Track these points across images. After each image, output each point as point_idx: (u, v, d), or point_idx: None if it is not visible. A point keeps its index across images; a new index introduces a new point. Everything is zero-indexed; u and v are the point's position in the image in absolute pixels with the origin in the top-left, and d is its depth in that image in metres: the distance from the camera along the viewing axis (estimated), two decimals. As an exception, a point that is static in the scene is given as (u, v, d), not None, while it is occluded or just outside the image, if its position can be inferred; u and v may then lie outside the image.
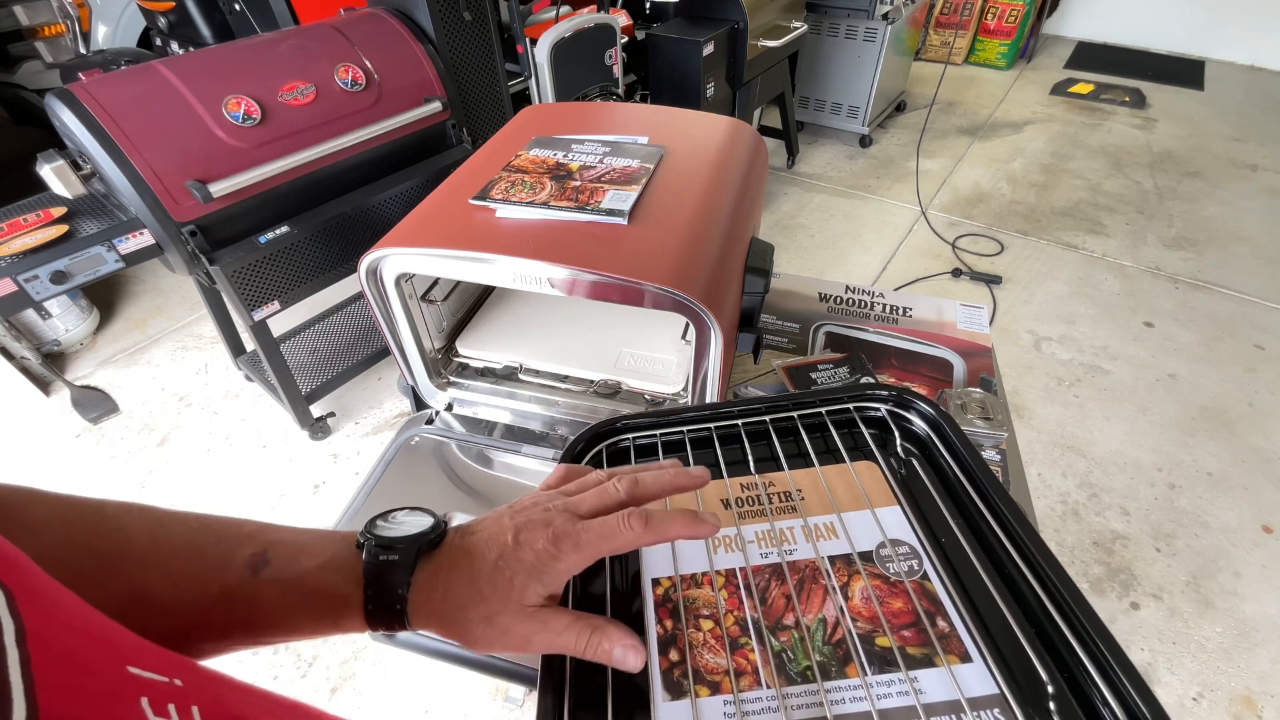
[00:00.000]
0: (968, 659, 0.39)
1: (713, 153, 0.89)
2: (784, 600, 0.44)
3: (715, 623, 0.43)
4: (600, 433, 0.55)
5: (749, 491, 0.51)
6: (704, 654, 0.41)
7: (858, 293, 1.24)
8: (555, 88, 1.95)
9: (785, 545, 0.47)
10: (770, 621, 0.42)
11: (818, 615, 0.42)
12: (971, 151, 3.29)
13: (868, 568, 0.45)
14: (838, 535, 0.47)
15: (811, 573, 0.45)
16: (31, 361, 2.00)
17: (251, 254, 1.37)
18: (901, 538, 0.47)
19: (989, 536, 0.46)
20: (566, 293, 0.69)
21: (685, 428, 0.56)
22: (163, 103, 1.26)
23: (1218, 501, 1.62)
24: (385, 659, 1.37)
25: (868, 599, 0.43)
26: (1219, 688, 1.29)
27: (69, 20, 2.46)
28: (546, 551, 0.36)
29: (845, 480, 0.51)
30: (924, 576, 0.44)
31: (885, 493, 0.50)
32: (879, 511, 0.48)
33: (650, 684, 0.39)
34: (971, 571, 0.44)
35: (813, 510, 0.49)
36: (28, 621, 0.18)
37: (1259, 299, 2.28)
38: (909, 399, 0.55)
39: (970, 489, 0.48)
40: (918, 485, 0.51)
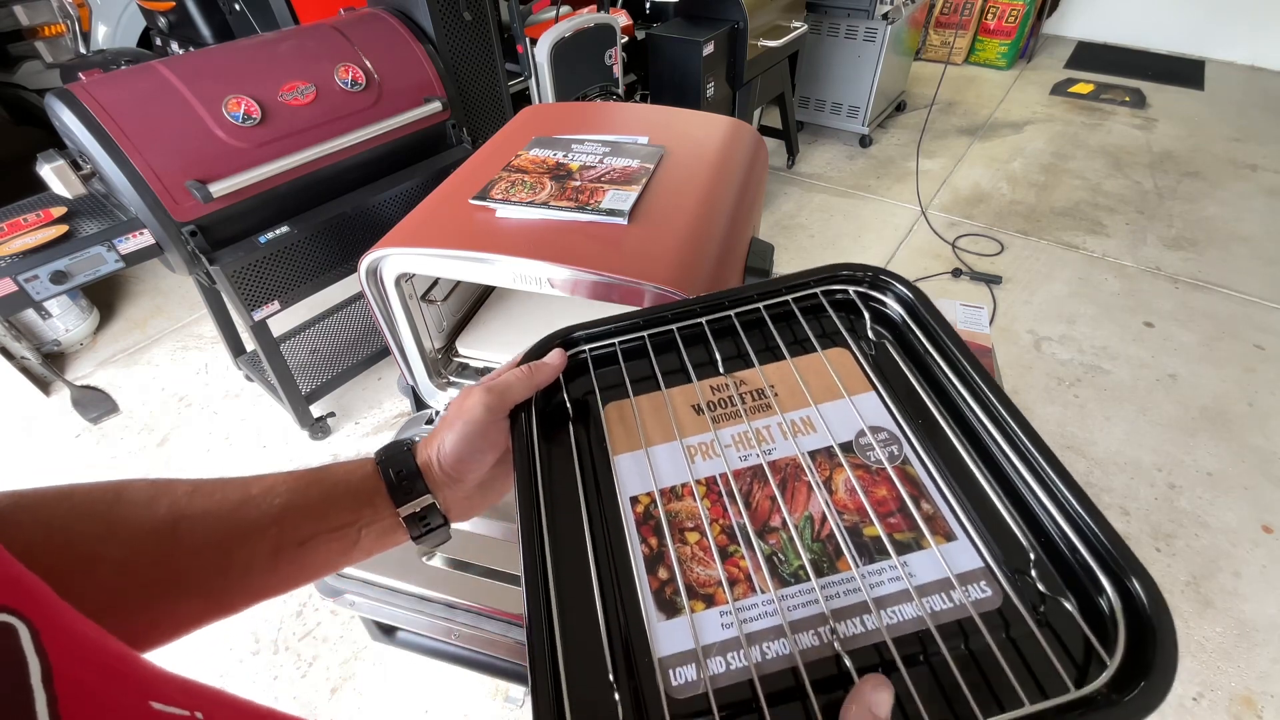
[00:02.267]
0: (952, 538, 0.39)
1: (713, 153, 0.89)
2: (769, 502, 0.42)
3: (701, 534, 0.41)
4: (551, 342, 0.52)
5: (720, 394, 0.49)
6: (693, 567, 0.40)
7: (858, 293, 1.24)
8: (555, 88, 1.95)
9: (764, 445, 0.45)
10: (757, 525, 0.41)
11: (804, 513, 0.42)
12: (971, 151, 3.29)
13: (849, 458, 0.44)
14: (815, 429, 0.46)
15: (793, 470, 0.44)
16: (31, 361, 2.00)
17: (251, 254, 1.37)
18: (880, 424, 0.45)
19: (965, 412, 0.45)
20: (567, 293, 0.69)
21: (646, 332, 0.53)
22: (163, 103, 1.26)
23: (1218, 501, 1.62)
24: (385, 659, 1.37)
25: (852, 490, 0.42)
26: (1219, 688, 1.29)
27: (69, 20, 2.46)
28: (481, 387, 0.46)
29: (818, 370, 0.49)
30: (905, 461, 0.43)
31: (860, 379, 0.48)
32: (855, 399, 0.47)
33: (642, 605, 0.38)
34: (950, 450, 0.44)
35: (788, 405, 0.47)
36: (54, 659, 0.17)
37: (1259, 299, 2.28)
38: (883, 280, 0.53)
39: (944, 365, 0.47)
40: (891, 368, 0.49)
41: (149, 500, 0.35)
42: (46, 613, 0.19)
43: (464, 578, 0.72)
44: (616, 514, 0.43)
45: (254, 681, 1.35)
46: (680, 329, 0.53)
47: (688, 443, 0.46)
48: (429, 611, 0.71)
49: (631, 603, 0.39)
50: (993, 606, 0.36)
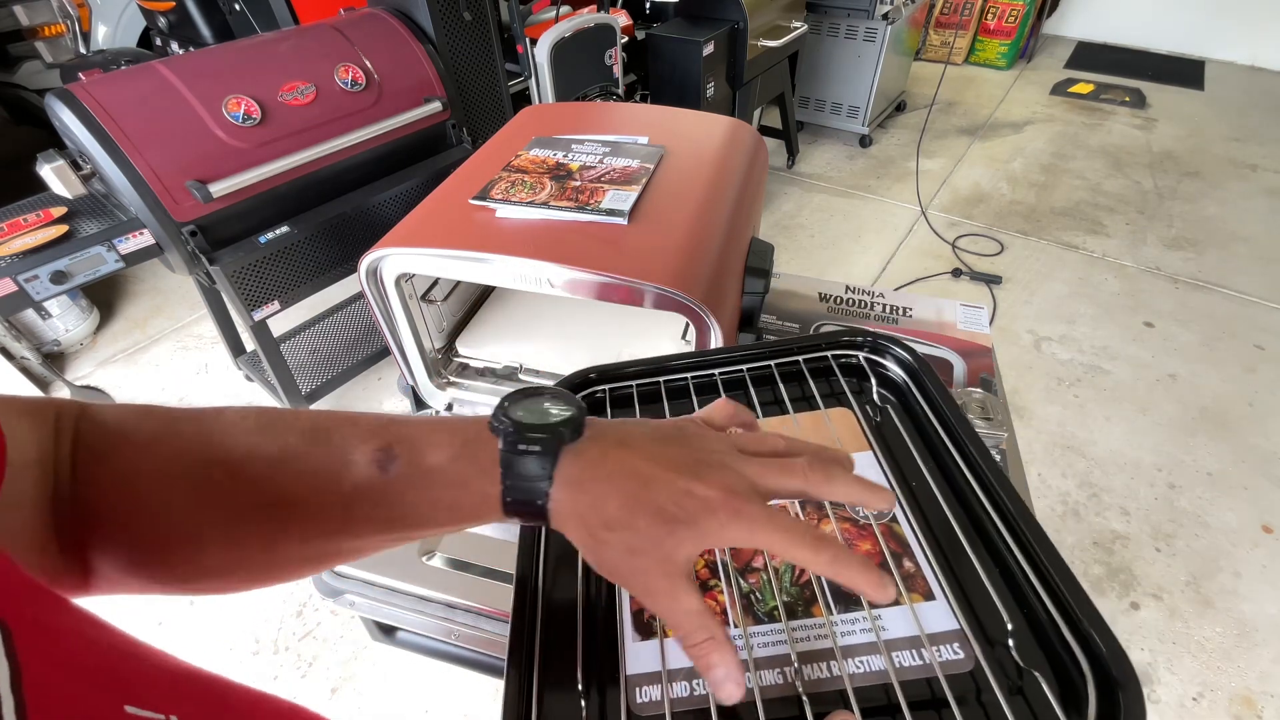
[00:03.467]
0: (931, 597, 0.40)
1: (713, 153, 0.89)
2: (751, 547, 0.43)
3: None
4: (574, 384, 0.54)
5: None
6: None
7: (858, 293, 1.24)
8: (555, 88, 1.95)
9: None
10: (740, 564, 0.43)
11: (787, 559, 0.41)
12: (971, 151, 3.29)
13: (837, 511, 0.45)
14: None
15: None
16: (31, 361, 2.00)
17: (251, 254, 1.37)
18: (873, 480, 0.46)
19: (960, 480, 0.46)
20: (567, 293, 0.69)
21: (662, 378, 0.55)
22: (163, 103, 1.26)
23: (1218, 501, 1.62)
24: (385, 659, 1.37)
25: None
26: (1219, 688, 1.29)
27: (69, 20, 2.46)
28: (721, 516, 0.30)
29: (819, 427, 0.51)
30: (893, 520, 0.45)
31: (858, 438, 0.50)
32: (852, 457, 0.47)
33: (619, 625, 0.41)
34: (940, 515, 0.44)
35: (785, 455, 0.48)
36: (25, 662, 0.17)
37: (1259, 299, 2.28)
38: (885, 345, 0.55)
39: (943, 434, 0.48)
40: (892, 431, 0.51)
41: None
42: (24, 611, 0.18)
43: (464, 578, 0.72)
44: None
45: (254, 682, 1.35)
46: (694, 379, 0.56)
47: None
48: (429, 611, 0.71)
49: (611, 620, 0.41)
50: (963, 669, 0.36)
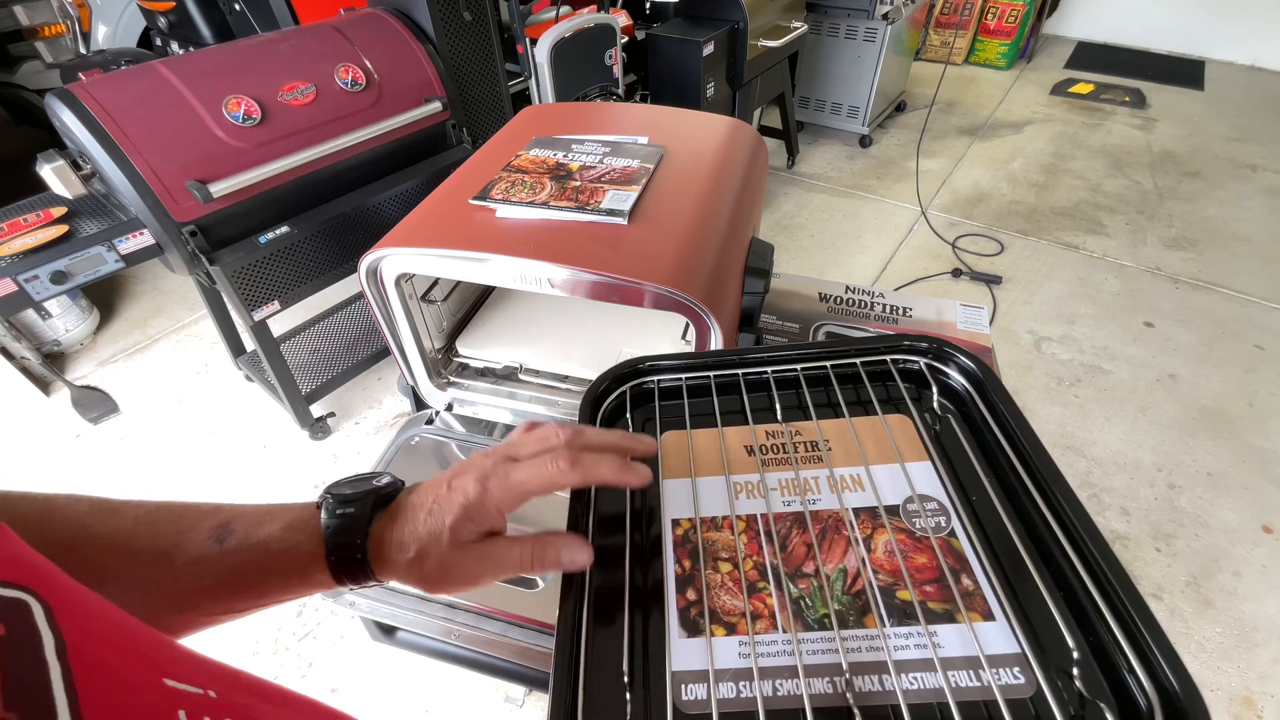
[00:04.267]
0: (990, 618, 0.39)
1: (713, 153, 0.89)
2: (805, 549, 0.43)
3: (734, 566, 0.43)
4: (624, 373, 0.54)
5: (774, 439, 0.50)
6: (721, 595, 0.41)
7: (858, 293, 1.24)
8: (555, 88, 1.95)
9: (809, 495, 0.46)
10: (790, 568, 0.42)
11: (838, 565, 0.42)
12: (971, 151, 3.29)
13: (893, 521, 0.44)
14: (864, 487, 0.46)
15: (834, 523, 0.45)
16: (31, 361, 2.00)
17: (251, 254, 1.37)
18: (930, 493, 0.46)
19: (1023, 497, 0.44)
20: (567, 293, 0.69)
21: (712, 373, 0.54)
22: (163, 103, 1.26)
23: (1218, 501, 1.62)
24: (385, 659, 1.37)
25: (891, 553, 0.42)
26: (1219, 688, 1.29)
27: (69, 20, 2.46)
28: (475, 490, 0.38)
29: (875, 432, 0.50)
30: (951, 534, 0.43)
31: (916, 447, 0.49)
32: (909, 466, 0.47)
33: (666, 621, 0.40)
34: (1002, 532, 0.43)
35: (839, 461, 0.48)
36: (67, 635, 0.18)
37: (1259, 299, 2.28)
38: (948, 352, 0.53)
39: (1007, 447, 0.46)
40: (952, 442, 0.49)
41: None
42: (58, 590, 0.19)
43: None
44: (658, 532, 0.45)
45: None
46: (745, 375, 0.55)
47: (735, 480, 0.48)
48: (429, 611, 0.71)
49: (658, 615, 0.41)
50: (1023, 695, 0.35)
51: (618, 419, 0.54)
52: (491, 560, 0.39)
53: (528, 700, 1.29)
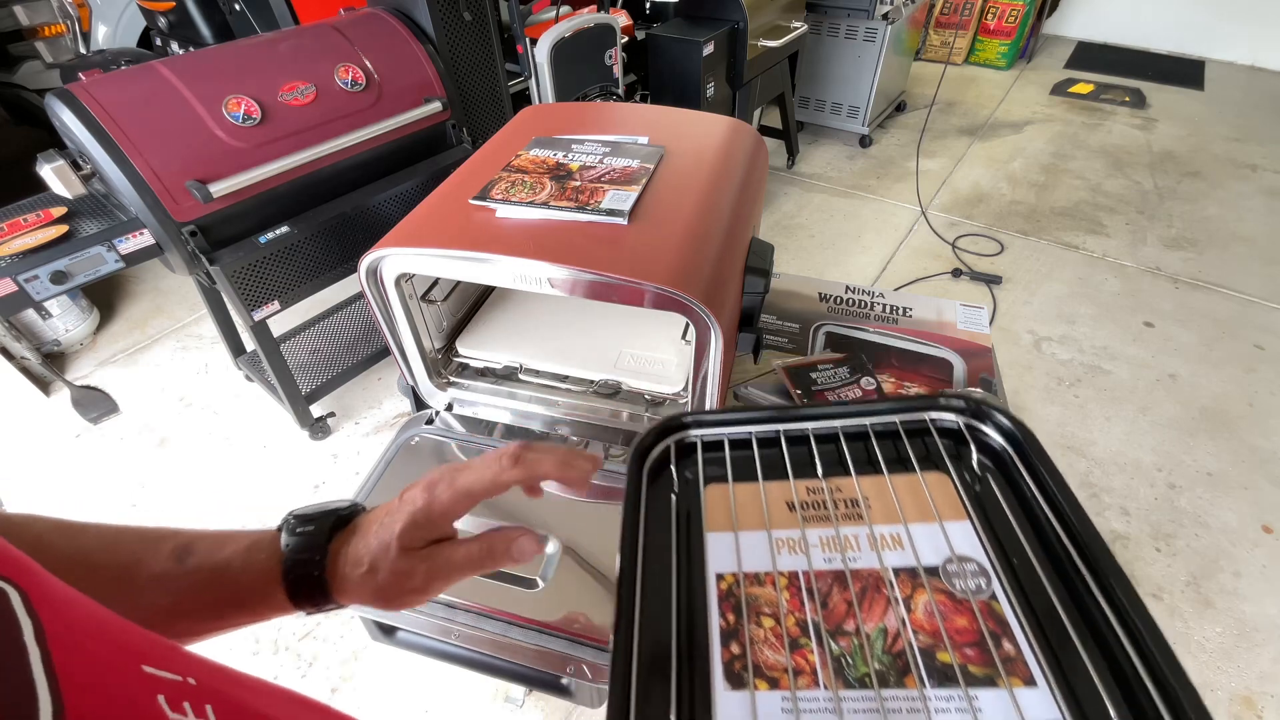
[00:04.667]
0: (1032, 683, 0.39)
1: (713, 153, 0.89)
2: (845, 606, 0.44)
3: (776, 621, 0.44)
4: (669, 426, 0.56)
5: (814, 496, 0.52)
6: (764, 650, 0.42)
7: (858, 293, 1.24)
8: (555, 88, 1.95)
9: (849, 552, 0.47)
10: (830, 625, 0.43)
11: (879, 624, 0.43)
12: (971, 151, 3.29)
13: (933, 582, 0.44)
14: (903, 546, 0.47)
15: (874, 582, 0.45)
16: (31, 361, 2.00)
17: (251, 254, 1.37)
18: (970, 554, 0.46)
19: (1065, 562, 0.44)
20: (566, 293, 0.69)
21: (754, 428, 0.56)
22: (163, 103, 1.26)
23: (1218, 501, 1.62)
24: (385, 659, 1.37)
25: (931, 614, 0.43)
26: (1219, 688, 1.29)
27: (69, 20, 2.46)
28: (422, 498, 0.39)
29: (914, 491, 0.51)
30: (992, 597, 0.43)
31: (956, 506, 0.49)
32: (948, 525, 0.48)
33: (711, 673, 0.41)
34: (1043, 596, 0.43)
35: (879, 519, 0.49)
36: (45, 621, 0.18)
37: (1259, 299, 2.28)
38: (986, 410, 0.53)
39: (1048, 509, 0.47)
40: (992, 502, 0.49)
41: None
42: (35, 580, 0.19)
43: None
44: (702, 585, 0.46)
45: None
46: (786, 431, 0.56)
47: (776, 535, 0.49)
48: (429, 611, 0.71)
49: (703, 666, 0.42)
50: None
51: (663, 470, 0.56)
52: (440, 562, 0.39)
53: (528, 700, 1.29)
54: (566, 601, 0.69)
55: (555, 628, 0.67)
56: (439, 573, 0.39)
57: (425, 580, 0.39)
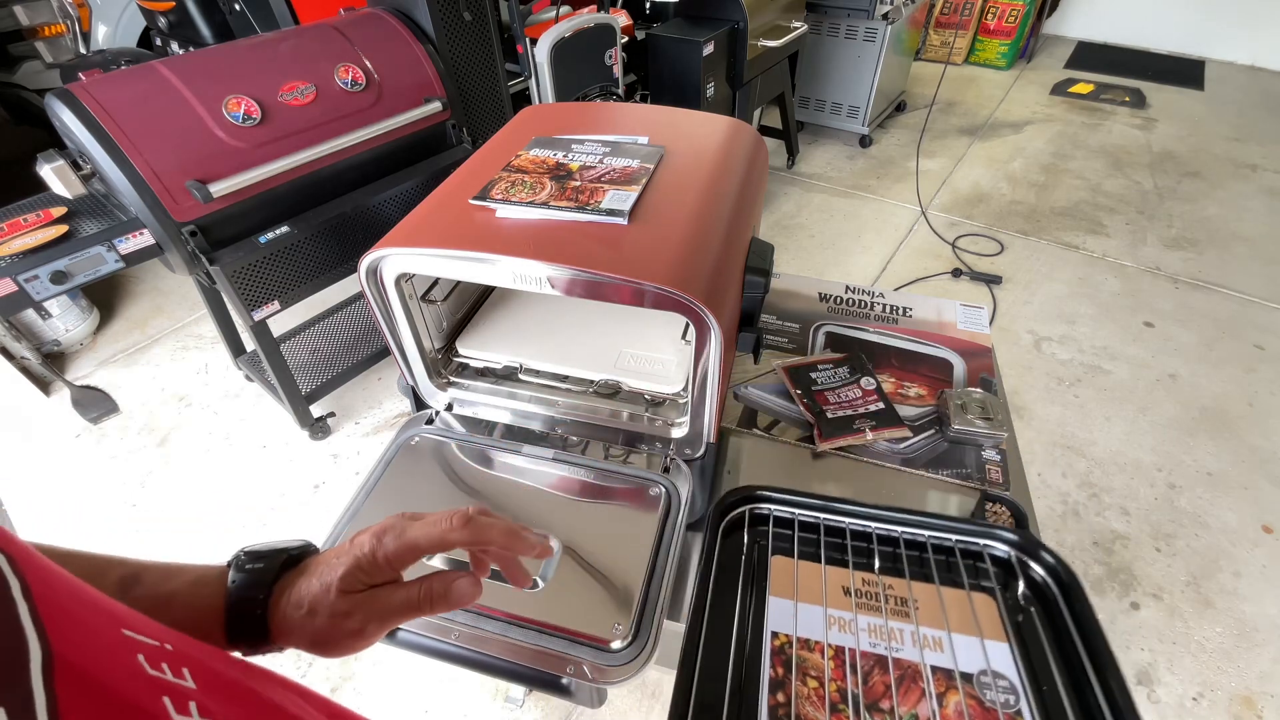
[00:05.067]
0: None
1: (712, 153, 0.89)
2: (883, 688, 0.50)
3: (820, 684, 0.51)
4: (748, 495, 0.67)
5: (869, 587, 0.59)
6: (806, 706, 0.49)
7: (858, 293, 1.24)
8: (555, 88, 1.95)
9: (893, 642, 0.54)
10: (868, 700, 0.49)
11: (911, 710, 0.49)
12: (971, 151, 3.29)
13: (966, 687, 0.50)
14: (943, 650, 0.53)
15: (913, 673, 0.52)
16: (31, 361, 2.00)
17: (251, 254, 1.37)
18: (1003, 672, 0.52)
19: (1090, 699, 0.48)
20: (566, 293, 0.69)
21: (822, 515, 0.64)
22: (163, 103, 1.26)
23: (1218, 501, 1.62)
24: (385, 659, 1.37)
25: (960, 713, 0.48)
26: (1219, 688, 1.29)
27: (69, 20, 2.46)
28: (369, 543, 0.39)
29: (960, 605, 0.57)
30: (1018, 713, 0.48)
31: (997, 628, 0.55)
32: (987, 643, 0.54)
33: (759, 713, 0.49)
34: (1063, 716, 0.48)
35: (925, 621, 0.56)
36: (31, 583, 0.19)
37: (1259, 299, 2.28)
38: (1035, 548, 0.59)
39: (1082, 650, 0.52)
40: (1031, 631, 0.55)
41: None
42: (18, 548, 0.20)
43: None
44: (760, 638, 0.55)
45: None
46: (851, 526, 0.63)
47: (830, 612, 0.56)
48: (429, 611, 0.71)
49: (751, 707, 0.49)
50: None
51: (736, 531, 0.64)
52: (377, 605, 0.39)
53: (528, 700, 1.29)
54: (566, 601, 0.69)
55: (555, 628, 0.67)
56: (375, 615, 0.39)
57: (362, 622, 0.38)
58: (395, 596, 0.40)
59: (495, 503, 0.80)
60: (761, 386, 1.05)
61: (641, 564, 0.72)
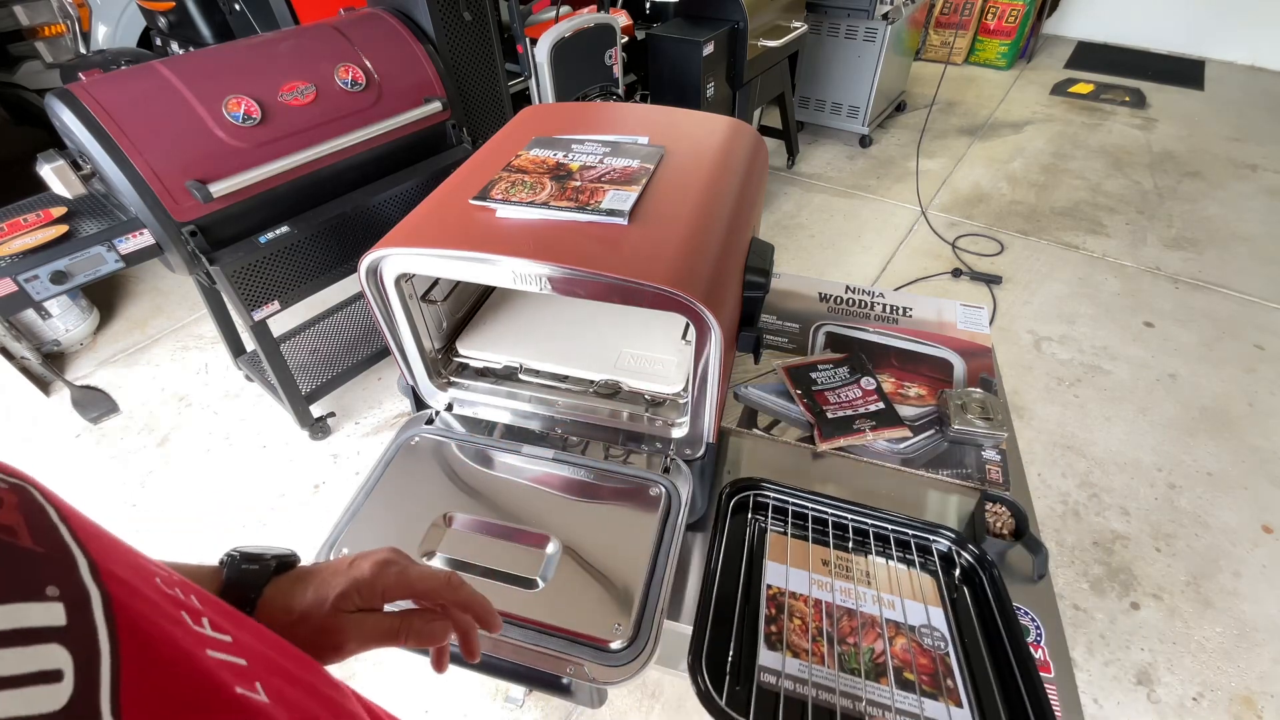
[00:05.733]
0: (960, 705, 0.65)
1: (713, 153, 0.89)
2: (850, 629, 0.71)
3: (803, 621, 0.72)
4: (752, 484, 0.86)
5: (843, 562, 0.80)
6: (793, 635, 0.71)
7: (858, 293, 1.24)
8: (555, 88, 1.95)
9: (859, 601, 0.74)
10: (838, 636, 0.70)
11: (869, 645, 0.70)
12: (971, 151, 3.29)
13: (910, 635, 0.71)
14: (895, 609, 0.74)
15: (870, 622, 0.72)
16: (31, 361, 2.00)
17: (251, 254, 1.37)
18: (939, 627, 0.72)
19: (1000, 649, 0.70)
20: (566, 293, 0.69)
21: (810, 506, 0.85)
22: (163, 103, 1.26)
23: (1218, 501, 1.62)
24: (385, 659, 1.37)
25: (904, 650, 0.70)
26: (1219, 688, 1.29)
27: (69, 20, 2.46)
28: (370, 571, 0.43)
29: (910, 580, 0.78)
30: (947, 654, 0.70)
31: (936, 598, 0.76)
32: (929, 608, 0.75)
33: (758, 637, 0.71)
34: (981, 662, 0.69)
35: (883, 588, 0.76)
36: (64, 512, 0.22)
37: (1259, 299, 2.28)
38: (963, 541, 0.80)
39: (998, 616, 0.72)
40: (962, 603, 0.76)
41: None
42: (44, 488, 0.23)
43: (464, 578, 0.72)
44: (760, 586, 0.76)
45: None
46: (833, 518, 0.84)
47: (812, 576, 0.78)
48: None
49: (751, 632, 0.71)
50: None
51: (741, 511, 0.85)
52: (364, 628, 0.42)
53: (528, 700, 1.29)
54: (566, 601, 0.69)
55: (555, 628, 0.67)
56: (358, 636, 0.42)
57: (343, 640, 0.41)
58: (381, 624, 0.43)
59: (495, 503, 0.80)
60: (761, 386, 1.05)
61: (642, 564, 0.72)
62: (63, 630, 0.19)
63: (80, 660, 0.19)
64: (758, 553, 0.79)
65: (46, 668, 0.18)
